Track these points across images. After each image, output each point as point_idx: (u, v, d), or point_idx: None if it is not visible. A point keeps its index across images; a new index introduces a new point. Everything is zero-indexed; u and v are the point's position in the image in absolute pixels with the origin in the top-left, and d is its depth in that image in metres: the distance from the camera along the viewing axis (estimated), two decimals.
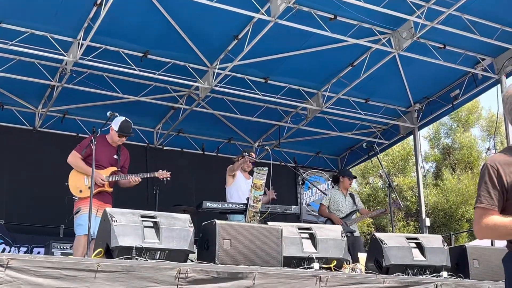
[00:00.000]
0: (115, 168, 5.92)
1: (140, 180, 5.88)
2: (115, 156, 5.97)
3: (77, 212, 5.66)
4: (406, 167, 19.98)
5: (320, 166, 11.82)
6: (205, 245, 4.45)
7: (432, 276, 4.95)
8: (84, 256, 4.98)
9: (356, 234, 7.65)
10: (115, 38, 7.59)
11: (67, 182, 5.75)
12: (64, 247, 7.76)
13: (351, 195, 7.96)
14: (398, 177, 19.69)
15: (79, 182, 5.73)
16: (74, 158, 5.80)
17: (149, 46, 7.86)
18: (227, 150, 10.44)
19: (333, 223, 7.49)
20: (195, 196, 9.66)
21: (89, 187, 5.39)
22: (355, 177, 8.23)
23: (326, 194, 7.94)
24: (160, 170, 6.03)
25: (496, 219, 2.45)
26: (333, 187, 8.82)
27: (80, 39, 7.30)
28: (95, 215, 5.45)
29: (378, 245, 5.02)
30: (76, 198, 5.69)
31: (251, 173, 6.73)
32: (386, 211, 7.87)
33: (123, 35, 7.57)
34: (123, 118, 5.92)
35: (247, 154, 6.79)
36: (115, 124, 5.87)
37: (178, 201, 8.62)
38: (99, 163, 5.64)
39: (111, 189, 5.89)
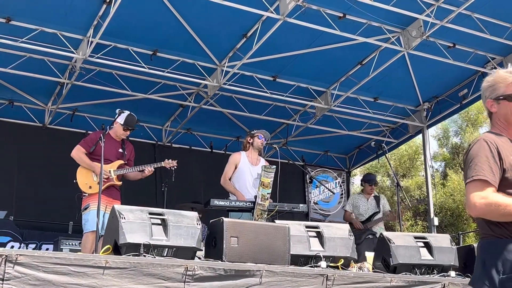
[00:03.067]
0: (122, 162, 5.94)
1: (153, 170, 5.90)
2: (121, 150, 5.99)
3: (85, 208, 5.67)
4: (414, 166, 19.90)
5: (328, 164, 11.80)
6: (212, 243, 4.45)
7: (440, 276, 4.92)
8: (93, 253, 5.00)
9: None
10: (124, 36, 7.61)
11: (76, 179, 5.77)
12: (73, 244, 7.80)
13: (376, 197, 8.05)
14: (406, 177, 19.62)
15: (87, 179, 5.75)
16: (78, 152, 5.81)
17: (158, 44, 7.87)
18: (235, 148, 10.44)
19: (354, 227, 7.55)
20: (203, 193, 9.68)
21: (98, 183, 5.40)
22: (375, 182, 8.22)
23: (333, 193, 8.01)
24: (167, 160, 6.06)
25: (498, 196, 2.27)
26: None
27: (89, 36, 7.32)
28: (104, 212, 5.48)
29: (385, 244, 5.01)
30: (86, 195, 5.70)
31: (260, 156, 6.61)
32: (393, 216, 7.87)
33: (132, 33, 7.59)
34: (128, 112, 5.95)
35: (256, 130, 6.55)
36: (121, 118, 5.89)
37: (186, 199, 8.64)
38: (106, 157, 5.63)
39: (120, 183, 5.91)
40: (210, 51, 8.09)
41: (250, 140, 6.55)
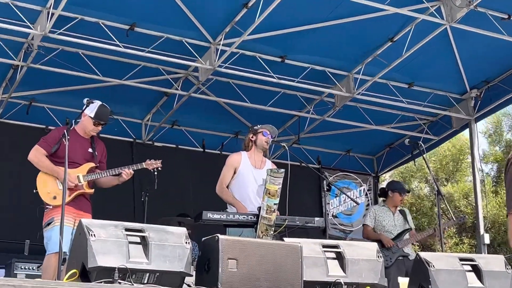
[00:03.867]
0: (92, 164, 5.94)
1: (132, 172, 5.92)
2: (90, 150, 5.98)
3: (48, 224, 5.66)
4: (459, 169, 19.87)
5: (350, 168, 11.80)
6: (205, 266, 4.45)
7: None
8: (55, 279, 5.00)
9: (412, 257, 7.69)
10: (93, 7, 7.61)
11: (36, 189, 5.76)
12: (30, 268, 7.80)
13: (402, 212, 8.11)
14: (449, 183, 19.59)
15: (50, 187, 5.74)
16: (37, 154, 5.80)
17: (136, 17, 7.87)
18: (234, 148, 10.43)
19: (383, 245, 7.55)
20: (193, 204, 9.67)
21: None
22: (408, 191, 8.25)
23: (357, 204, 8.03)
24: (148, 160, 6.07)
25: None
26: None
27: (50, 7, 7.31)
28: (72, 228, 5.46)
29: (423, 267, 4.99)
30: (50, 207, 5.70)
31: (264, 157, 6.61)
32: (435, 233, 7.93)
33: (103, 3, 7.58)
34: (99, 102, 5.95)
35: (260, 125, 6.53)
36: (90, 110, 5.88)
37: (172, 211, 8.63)
38: (72, 160, 5.62)
39: (92, 191, 5.92)
40: (202, 25, 8.09)
41: (252, 137, 6.55)
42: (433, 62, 9.15)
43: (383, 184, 11.79)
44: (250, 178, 6.41)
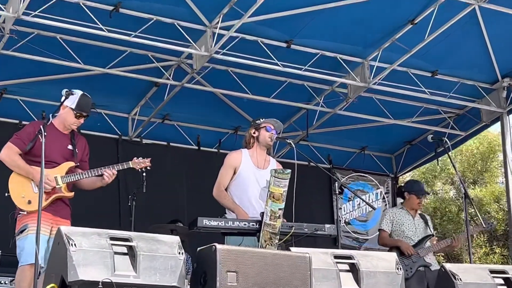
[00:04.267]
0: (72, 164, 5.92)
1: (116, 173, 5.91)
2: (70, 147, 5.97)
3: (22, 231, 5.65)
4: (489, 169, 19.87)
5: (366, 168, 11.82)
6: (201, 280, 4.46)
7: None
8: None
9: (434, 267, 7.71)
10: None
11: (8, 192, 5.76)
12: (1, 282, 7.81)
13: (422, 216, 8.08)
14: (478, 184, 19.60)
15: (24, 190, 5.74)
16: (9, 153, 5.77)
17: None
18: (233, 145, 10.44)
19: (401, 253, 7.55)
20: (187, 209, 9.68)
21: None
22: (427, 193, 8.24)
23: (374, 208, 8.00)
24: (136, 158, 6.07)
25: None
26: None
27: None
28: (48, 236, 5.46)
29: (449, 281, 5.02)
30: (24, 213, 5.70)
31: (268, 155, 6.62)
32: (454, 243, 7.92)
33: None
34: (80, 92, 5.94)
35: (262, 119, 6.51)
36: (70, 101, 5.87)
37: (163, 218, 8.64)
38: (49, 158, 5.61)
39: (71, 195, 5.91)
40: (196, 5, 8.09)
41: (254, 133, 6.56)
42: (459, 47, 9.14)
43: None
44: (251, 180, 6.40)
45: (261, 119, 6.58)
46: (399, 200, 8.59)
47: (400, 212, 8.07)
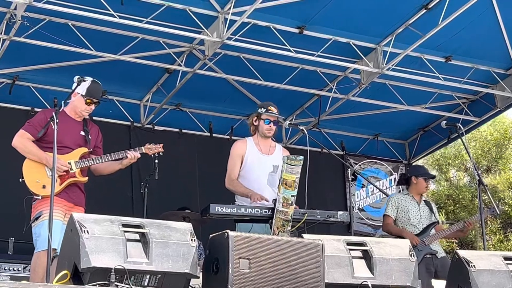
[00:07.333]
0: (85, 149, 5.95)
1: (139, 156, 5.94)
2: (82, 133, 6.00)
3: (37, 218, 5.68)
4: (504, 155, 19.79)
5: (379, 154, 11.80)
6: (213, 267, 4.47)
7: None
8: (44, 281, 5.03)
9: (440, 255, 7.73)
10: None
11: (22, 177, 5.78)
12: (15, 269, 7.85)
13: (427, 203, 8.03)
14: (492, 171, 19.53)
15: (39, 175, 5.76)
16: (22, 140, 5.81)
17: None
18: (245, 131, 10.41)
19: None
20: (199, 196, 9.70)
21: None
22: (433, 177, 8.21)
23: (387, 195, 7.96)
24: (148, 144, 6.09)
25: None
26: (401, 190, 8.80)
27: None
28: (62, 222, 5.49)
29: (462, 268, 5.00)
30: (39, 197, 5.73)
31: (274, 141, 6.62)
32: (465, 229, 7.90)
33: None
34: (91, 78, 5.96)
35: (263, 110, 6.56)
36: (81, 88, 5.89)
37: (176, 204, 8.66)
38: (62, 144, 5.66)
39: (85, 179, 5.94)
40: None
41: (255, 121, 6.58)
42: (474, 32, 9.08)
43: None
44: (259, 166, 6.46)
45: (262, 109, 6.56)
46: (401, 187, 8.53)
47: (406, 199, 7.97)
